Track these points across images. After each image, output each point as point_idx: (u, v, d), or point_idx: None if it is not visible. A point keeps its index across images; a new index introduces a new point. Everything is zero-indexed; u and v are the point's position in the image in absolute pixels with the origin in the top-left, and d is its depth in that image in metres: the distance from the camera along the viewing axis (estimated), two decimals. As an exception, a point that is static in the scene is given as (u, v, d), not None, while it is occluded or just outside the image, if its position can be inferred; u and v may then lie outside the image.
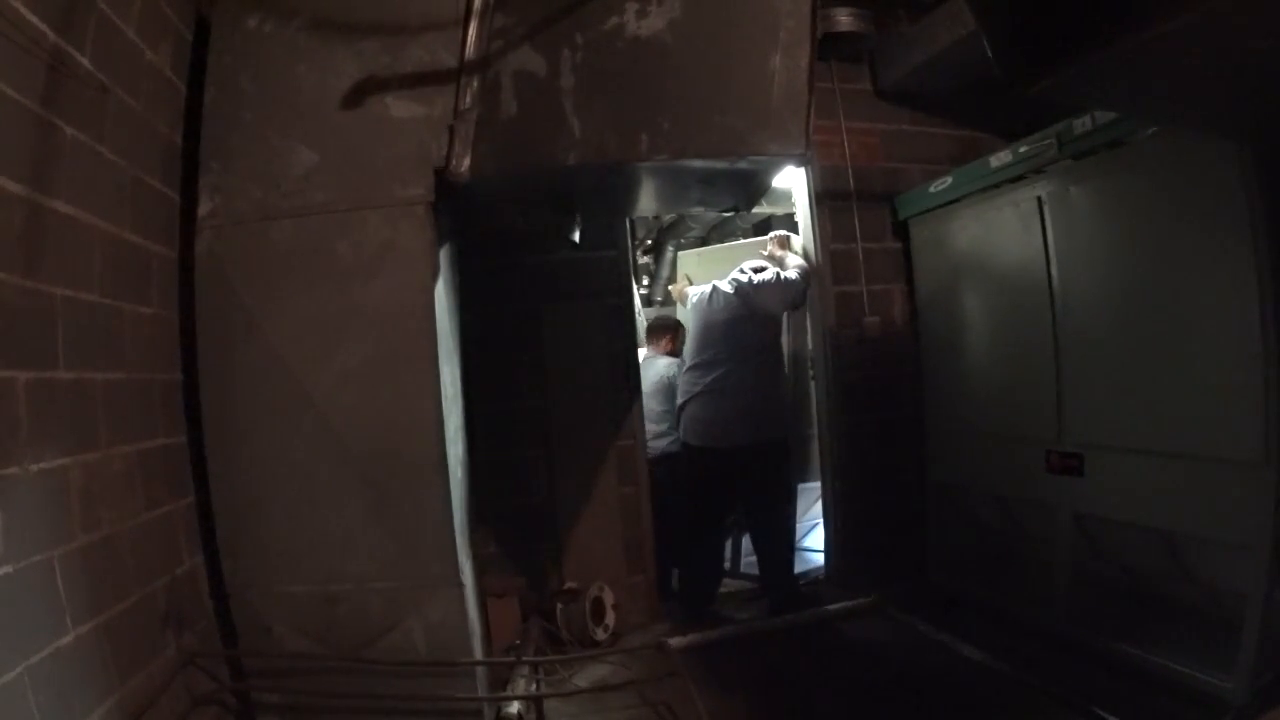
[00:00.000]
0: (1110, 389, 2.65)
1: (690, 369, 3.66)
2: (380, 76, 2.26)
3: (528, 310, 3.50)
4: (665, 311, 4.85)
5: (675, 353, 4.12)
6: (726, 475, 3.51)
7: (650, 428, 3.74)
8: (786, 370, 3.95)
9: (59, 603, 1.59)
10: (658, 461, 3.72)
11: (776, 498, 3.59)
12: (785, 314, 3.82)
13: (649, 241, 6.41)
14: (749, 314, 3.54)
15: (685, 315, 4.04)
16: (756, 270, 3.62)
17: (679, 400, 3.69)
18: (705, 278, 3.95)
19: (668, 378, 3.91)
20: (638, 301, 4.42)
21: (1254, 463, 2.18)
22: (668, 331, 4.18)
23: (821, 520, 4.03)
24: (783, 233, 3.92)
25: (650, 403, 3.78)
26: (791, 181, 3.93)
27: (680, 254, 5.85)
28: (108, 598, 1.77)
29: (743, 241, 5.53)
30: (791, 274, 3.59)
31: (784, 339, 3.97)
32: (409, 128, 2.26)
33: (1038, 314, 2.90)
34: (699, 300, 3.73)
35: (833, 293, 3.76)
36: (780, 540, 3.61)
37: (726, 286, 3.63)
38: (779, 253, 3.76)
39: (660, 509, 3.64)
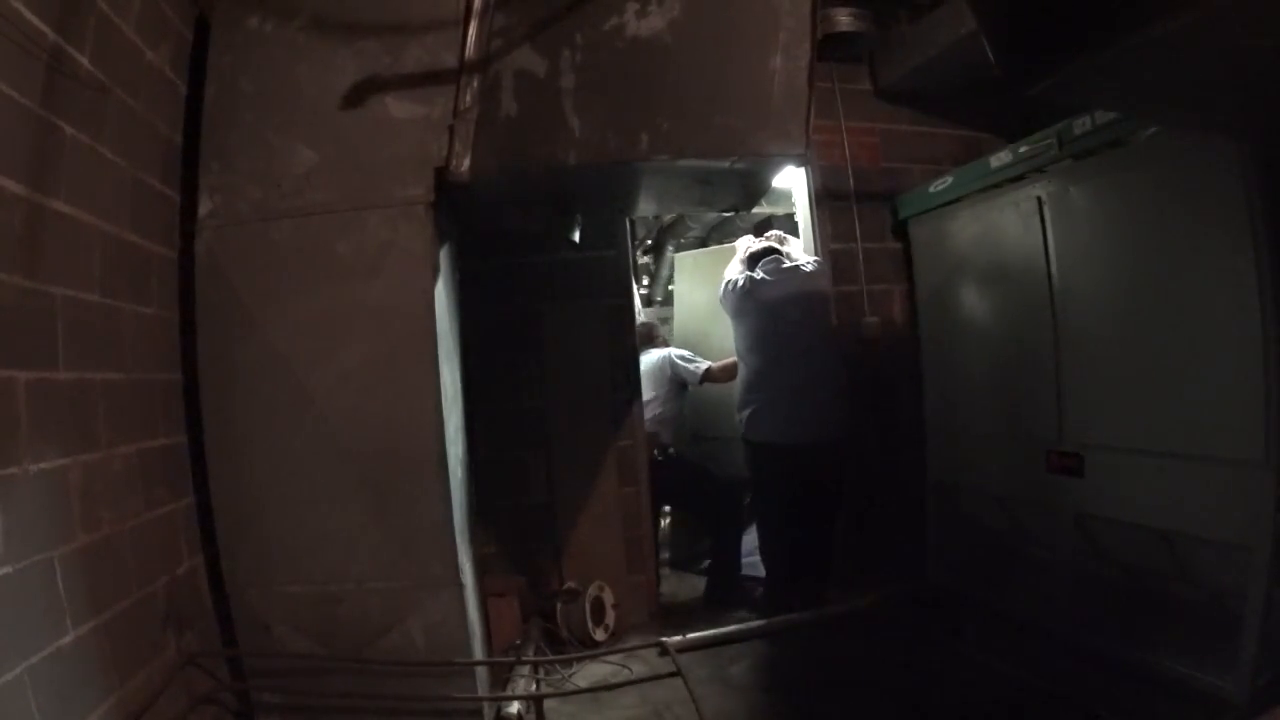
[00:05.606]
0: (1110, 389, 2.64)
1: (759, 367, 3.49)
2: (380, 76, 2.26)
3: (528, 310, 3.51)
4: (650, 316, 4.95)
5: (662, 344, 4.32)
6: (803, 470, 3.43)
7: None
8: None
9: (59, 603, 1.59)
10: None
11: (839, 497, 3.58)
12: None
13: (649, 241, 6.40)
14: (806, 300, 3.45)
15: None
16: (783, 257, 3.57)
17: (744, 395, 3.56)
18: (702, 281, 3.93)
19: (660, 364, 4.04)
20: (638, 302, 4.43)
21: (1254, 463, 2.18)
22: (654, 339, 4.32)
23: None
24: (775, 232, 3.92)
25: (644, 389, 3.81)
26: (791, 181, 3.93)
27: (676, 256, 5.86)
28: (108, 598, 1.76)
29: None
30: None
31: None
32: (409, 128, 2.26)
33: (1038, 314, 2.89)
34: (737, 289, 3.56)
35: (833, 293, 3.75)
36: (832, 543, 3.58)
37: (769, 274, 3.50)
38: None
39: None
